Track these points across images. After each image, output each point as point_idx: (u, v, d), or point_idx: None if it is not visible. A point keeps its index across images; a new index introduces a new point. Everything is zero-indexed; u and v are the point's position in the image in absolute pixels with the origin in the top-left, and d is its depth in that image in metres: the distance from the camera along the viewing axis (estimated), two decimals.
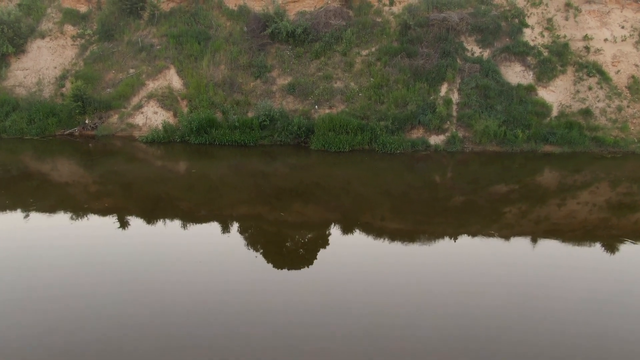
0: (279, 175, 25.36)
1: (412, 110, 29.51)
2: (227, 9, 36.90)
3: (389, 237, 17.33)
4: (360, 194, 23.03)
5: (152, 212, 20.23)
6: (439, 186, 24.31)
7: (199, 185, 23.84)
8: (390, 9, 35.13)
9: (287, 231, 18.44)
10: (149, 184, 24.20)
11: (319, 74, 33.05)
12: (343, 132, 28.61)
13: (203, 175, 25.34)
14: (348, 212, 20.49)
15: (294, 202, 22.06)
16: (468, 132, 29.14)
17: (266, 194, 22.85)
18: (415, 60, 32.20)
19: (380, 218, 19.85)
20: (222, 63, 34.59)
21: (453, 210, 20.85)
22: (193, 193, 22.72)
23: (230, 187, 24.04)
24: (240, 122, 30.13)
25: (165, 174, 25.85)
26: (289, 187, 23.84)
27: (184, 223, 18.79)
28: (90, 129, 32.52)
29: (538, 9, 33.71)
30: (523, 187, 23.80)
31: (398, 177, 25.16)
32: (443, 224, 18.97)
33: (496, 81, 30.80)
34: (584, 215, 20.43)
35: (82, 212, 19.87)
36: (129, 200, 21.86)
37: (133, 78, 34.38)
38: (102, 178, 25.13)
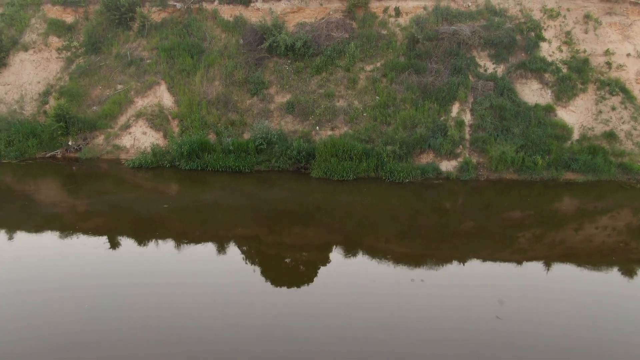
0: (275, 213, 22.54)
1: (421, 134, 26.92)
2: (222, 19, 34.27)
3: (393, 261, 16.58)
4: (366, 230, 20.49)
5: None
6: (453, 224, 21.78)
7: (176, 223, 21.13)
8: (397, 21, 32.51)
9: (285, 271, 15.95)
10: (126, 223, 21.36)
11: (320, 91, 30.45)
12: (346, 157, 26.02)
13: (181, 210, 22.54)
14: (352, 238, 17.99)
15: (293, 242, 19.53)
16: (482, 158, 26.55)
17: (260, 236, 20.30)
18: (424, 77, 29.59)
19: (385, 241, 17.83)
20: (216, 79, 31.98)
21: (463, 236, 18.56)
22: (166, 231, 20.11)
23: (216, 224, 21.48)
24: (235, 146, 27.53)
25: (145, 207, 23.00)
26: (286, 232, 21.11)
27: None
28: (73, 150, 29.90)
29: (555, 21, 31.10)
30: (544, 226, 21.25)
31: (409, 216, 22.51)
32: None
33: (512, 101, 28.21)
34: (608, 246, 17.96)
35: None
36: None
37: (121, 95, 31.77)
38: (82, 213, 22.55)
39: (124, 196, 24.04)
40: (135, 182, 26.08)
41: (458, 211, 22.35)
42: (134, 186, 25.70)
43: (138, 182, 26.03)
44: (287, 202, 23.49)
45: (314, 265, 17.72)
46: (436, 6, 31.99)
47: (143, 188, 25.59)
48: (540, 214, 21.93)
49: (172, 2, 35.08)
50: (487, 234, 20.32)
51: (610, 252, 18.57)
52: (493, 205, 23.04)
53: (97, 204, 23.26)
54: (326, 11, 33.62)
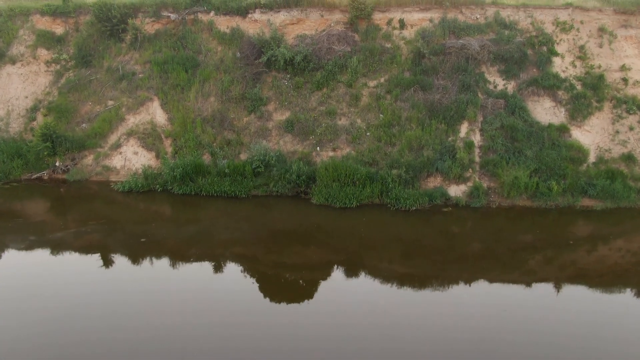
0: (269, 246, 20.92)
1: (428, 156, 25.23)
2: (218, 31, 32.53)
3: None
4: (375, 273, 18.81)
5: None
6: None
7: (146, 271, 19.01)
8: (401, 33, 30.78)
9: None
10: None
11: (321, 109, 28.75)
12: (349, 182, 24.32)
13: (158, 246, 20.65)
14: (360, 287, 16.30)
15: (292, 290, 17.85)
16: (493, 182, 24.85)
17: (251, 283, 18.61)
18: (431, 94, 27.88)
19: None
20: (212, 94, 30.27)
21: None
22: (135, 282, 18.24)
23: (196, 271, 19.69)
24: (231, 168, 25.83)
25: (124, 241, 20.97)
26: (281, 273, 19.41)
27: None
28: (61, 172, 28.20)
29: (568, 35, 29.37)
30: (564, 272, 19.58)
31: (420, 255, 20.72)
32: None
33: (524, 120, 26.50)
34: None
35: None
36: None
37: (111, 112, 30.05)
38: (57, 244, 20.82)
39: (106, 227, 22.17)
40: (123, 209, 24.18)
41: (472, 249, 20.37)
42: (120, 214, 23.76)
43: (126, 209, 24.17)
44: (285, 236, 21.53)
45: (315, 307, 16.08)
46: (443, 18, 30.26)
47: (129, 216, 23.60)
48: (560, 252, 20.15)
49: (166, 12, 33.36)
50: (504, 274, 18.63)
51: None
52: (507, 239, 21.16)
53: (74, 236, 21.37)
54: (327, 23, 31.91)
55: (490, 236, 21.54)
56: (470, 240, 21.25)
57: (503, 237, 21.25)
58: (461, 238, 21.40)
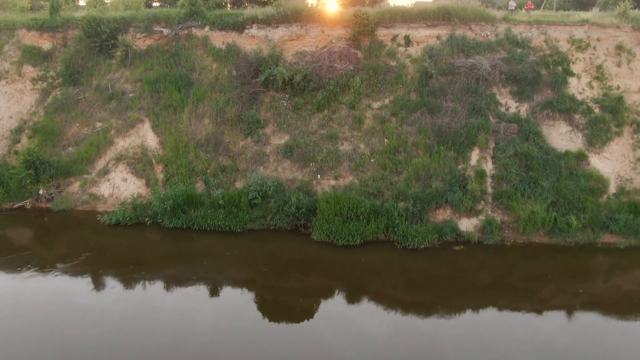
0: (262, 294, 19.04)
1: (437, 188, 23.33)
2: (213, 48, 30.59)
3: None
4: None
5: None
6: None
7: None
8: (407, 51, 28.86)
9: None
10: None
11: (321, 132, 26.84)
12: (352, 216, 22.45)
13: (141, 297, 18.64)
14: None
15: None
16: (507, 216, 22.96)
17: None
18: (439, 117, 25.98)
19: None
20: (206, 116, 28.36)
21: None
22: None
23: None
24: (225, 199, 23.94)
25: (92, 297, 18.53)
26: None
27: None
28: (45, 200, 26.30)
29: (585, 54, 27.46)
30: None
31: (434, 310, 18.72)
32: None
33: (539, 147, 24.60)
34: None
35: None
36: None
37: (99, 134, 28.13)
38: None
39: (85, 267, 20.16)
40: (105, 248, 21.69)
41: (490, 300, 18.07)
42: (102, 252, 21.37)
43: (108, 247, 21.82)
44: (281, 284, 19.43)
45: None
46: (451, 35, 28.34)
47: (110, 256, 21.06)
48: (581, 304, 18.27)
49: (159, 27, 31.41)
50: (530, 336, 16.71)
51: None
52: (526, 286, 19.01)
53: (43, 277, 19.31)
54: (328, 39, 29.97)
55: (507, 282, 19.49)
56: (488, 289, 18.93)
57: (522, 285, 19.21)
58: (477, 285, 19.33)
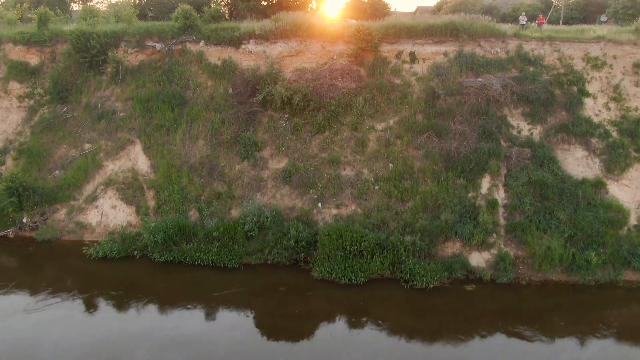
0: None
1: (446, 220, 21.69)
2: (209, 64, 28.96)
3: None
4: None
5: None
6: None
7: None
8: (412, 68, 27.22)
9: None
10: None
11: (322, 156, 25.22)
12: (356, 251, 20.83)
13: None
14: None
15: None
16: (522, 250, 21.33)
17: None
18: (447, 141, 24.35)
19: None
20: (201, 137, 26.73)
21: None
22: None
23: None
24: (220, 231, 22.31)
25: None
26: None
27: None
28: (29, 229, 24.66)
29: (601, 72, 25.83)
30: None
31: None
32: None
33: (554, 174, 22.98)
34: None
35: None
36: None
37: (88, 157, 26.49)
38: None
39: (54, 310, 18.47)
40: (86, 286, 19.83)
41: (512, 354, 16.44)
42: (82, 290, 19.62)
43: (90, 286, 20.01)
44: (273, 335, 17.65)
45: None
46: (459, 52, 26.70)
47: (89, 300, 19.02)
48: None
49: (151, 42, 29.78)
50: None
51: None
52: (551, 338, 17.56)
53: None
54: (329, 55, 28.33)
55: (526, 333, 17.71)
56: (503, 340, 17.21)
57: (541, 335, 17.59)
58: (491, 333, 17.59)
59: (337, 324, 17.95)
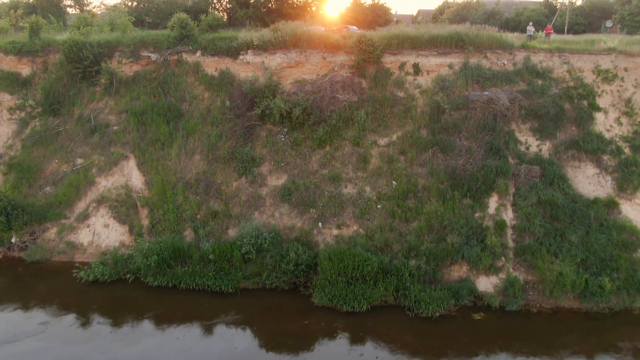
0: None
1: (452, 243, 20.68)
2: (205, 75, 27.94)
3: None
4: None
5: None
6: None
7: None
8: (416, 80, 26.21)
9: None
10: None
11: (323, 172, 24.22)
12: (358, 276, 19.82)
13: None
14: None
15: None
16: (532, 275, 20.32)
17: None
18: (452, 158, 23.35)
19: None
20: (197, 152, 25.72)
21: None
22: None
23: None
24: (216, 253, 21.31)
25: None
26: None
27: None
28: (17, 249, 23.67)
29: (612, 85, 24.83)
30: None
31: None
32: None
33: (564, 193, 21.99)
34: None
35: None
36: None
37: (80, 173, 25.48)
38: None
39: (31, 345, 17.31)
40: (76, 313, 18.82)
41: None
42: (66, 323, 18.40)
43: (79, 312, 18.85)
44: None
45: None
46: (464, 64, 25.69)
47: (73, 329, 17.74)
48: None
49: (146, 52, 28.75)
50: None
51: None
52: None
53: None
54: (330, 66, 27.32)
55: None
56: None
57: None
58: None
59: (338, 355, 16.94)
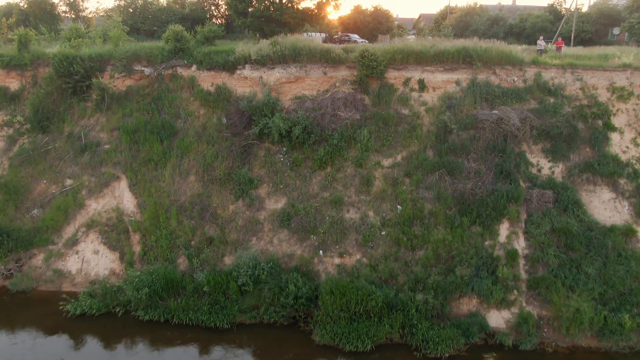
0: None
1: (461, 275, 19.41)
2: (201, 90, 26.65)
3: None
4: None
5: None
6: None
7: None
8: (421, 97, 24.92)
9: None
10: None
11: (324, 195, 22.93)
12: (361, 311, 18.54)
13: None
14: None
15: None
16: (546, 310, 19.04)
17: None
18: (460, 181, 22.06)
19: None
20: (192, 173, 24.45)
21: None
22: None
23: None
24: (211, 284, 20.04)
25: None
26: None
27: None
28: (2, 277, 22.40)
29: (627, 104, 23.54)
30: None
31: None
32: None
33: (579, 220, 20.69)
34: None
35: None
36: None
37: (69, 196, 24.20)
38: None
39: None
40: (57, 353, 17.81)
41: None
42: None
43: (62, 352, 17.90)
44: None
45: None
46: (472, 81, 24.39)
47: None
48: None
49: (139, 66, 27.45)
50: None
51: None
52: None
53: None
54: (331, 81, 26.03)
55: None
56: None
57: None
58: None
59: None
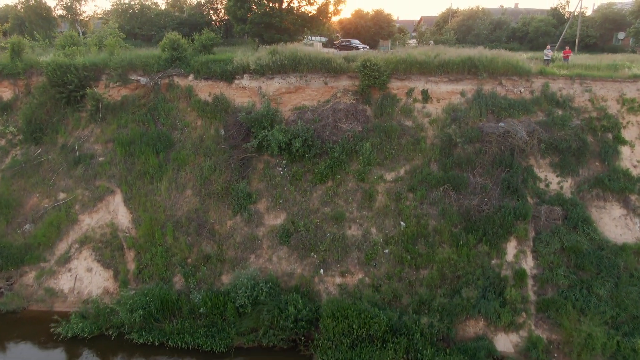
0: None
1: (468, 297, 18.64)
2: (198, 100, 25.87)
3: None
4: None
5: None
6: None
7: None
8: (425, 108, 24.14)
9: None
10: None
11: (325, 211, 22.16)
12: (364, 335, 17.78)
13: None
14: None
15: None
16: (556, 333, 18.27)
17: None
18: (466, 197, 21.28)
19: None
20: (188, 187, 23.67)
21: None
22: None
23: None
24: (208, 306, 19.27)
25: None
26: None
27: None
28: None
29: (638, 116, 22.73)
30: None
31: None
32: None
33: (589, 238, 19.93)
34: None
35: None
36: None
37: (61, 210, 23.42)
38: None
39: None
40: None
41: None
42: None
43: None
44: None
45: None
46: (478, 92, 23.61)
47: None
48: None
49: (135, 76, 26.67)
50: None
51: None
52: None
53: None
54: (332, 92, 25.25)
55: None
56: None
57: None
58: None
59: None
